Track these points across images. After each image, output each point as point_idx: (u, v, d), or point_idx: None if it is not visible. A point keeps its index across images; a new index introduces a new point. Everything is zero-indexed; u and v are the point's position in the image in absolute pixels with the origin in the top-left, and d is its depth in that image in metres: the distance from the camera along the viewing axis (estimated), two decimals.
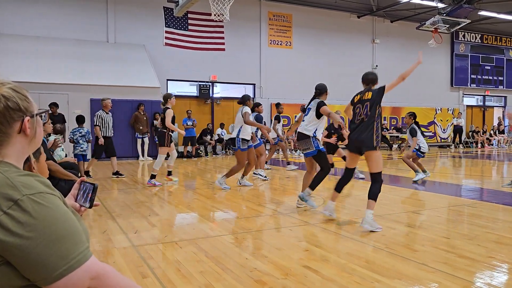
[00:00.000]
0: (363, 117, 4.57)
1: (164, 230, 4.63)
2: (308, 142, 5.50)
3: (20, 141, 1.19)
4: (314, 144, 5.48)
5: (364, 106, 4.60)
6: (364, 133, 4.51)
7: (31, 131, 1.20)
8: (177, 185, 8.22)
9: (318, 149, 5.48)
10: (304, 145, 5.54)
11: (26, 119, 1.18)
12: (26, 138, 1.20)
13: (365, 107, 4.59)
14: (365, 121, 4.55)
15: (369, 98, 4.63)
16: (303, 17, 17.99)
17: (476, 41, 22.54)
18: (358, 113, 4.65)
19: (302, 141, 5.56)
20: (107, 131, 9.29)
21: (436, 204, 6.26)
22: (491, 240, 4.10)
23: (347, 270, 3.27)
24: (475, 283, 3.03)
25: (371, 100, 4.60)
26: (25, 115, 1.18)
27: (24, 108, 1.18)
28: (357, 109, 4.68)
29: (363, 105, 4.63)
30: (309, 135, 5.50)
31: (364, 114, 4.57)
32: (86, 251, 1.13)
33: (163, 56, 15.42)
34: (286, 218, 5.19)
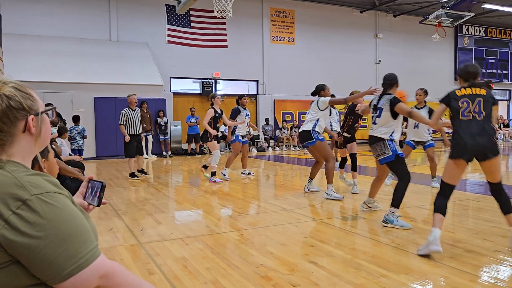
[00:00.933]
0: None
1: (170, 227, 4.65)
2: (383, 145, 4.58)
3: (26, 140, 1.19)
4: (391, 148, 4.54)
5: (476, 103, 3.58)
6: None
7: (36, 130, 1.19)
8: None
9: (395, 153, 4.53)
10: (378, 150, 4.62)
11: (30, 117, 1.17)
12: (31, 137, 1.19)
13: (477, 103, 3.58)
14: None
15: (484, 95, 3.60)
16: (305, 13, 17.93)
17: (480, 34, 22.39)
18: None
19: (375, 145, 4.65)
20: (134, 129, 8.66)
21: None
22: (497, 234, 4.09)
23: (353, 265, 3.28)
24: (481, 277, 3.02)
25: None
26: (29, 113, 1.17)
27: (28, 106, 1.17)
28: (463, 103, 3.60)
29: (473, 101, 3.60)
30: (384, 138, 4.58)
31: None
32: (95, 249, 1.13)
33: (165, 53, 15.42)
34: (291, 214, 5.20)
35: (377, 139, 4.62)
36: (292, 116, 17.65)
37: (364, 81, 19.31)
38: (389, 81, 4.70)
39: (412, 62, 20.22)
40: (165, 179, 8.89)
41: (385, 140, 4.57)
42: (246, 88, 17.59)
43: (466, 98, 3.60)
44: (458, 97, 3.63)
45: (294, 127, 16.99)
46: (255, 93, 17.38)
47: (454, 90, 3.72)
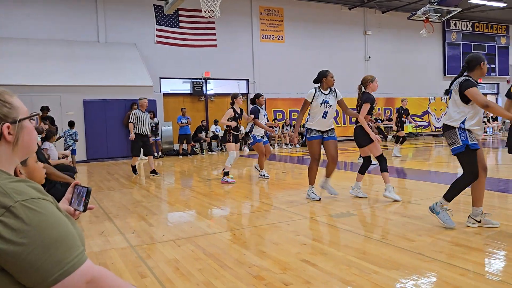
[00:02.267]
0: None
1: (162, 229, 4.64)
2: (453, 134, 4.12)
3: (3, 148, 1.17)
4: (461, 137, 4.05)
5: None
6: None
7: (13, 138, 1.18)
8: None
9: (466, 143, 4.02)
10: (449, 139, 4.16)
11: (6, 125, 1.16)
12: (8, 145, 1.18)
13: None
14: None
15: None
16: (294, 10, 17.95)
17: (467, 29, 22.60)
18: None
19: (446, 133, 4.22)
20: (143, 129, 9.15)
21: (431, 193, 6.29)
22: (486, 228, 4.13)
23: (345, 262, 3.29)
24: (471, 270, 3.05)
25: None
26: (3, 121, 1.16)
27: (3, 114, 1.16)
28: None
29: None
30: (454, 126, 4.11)
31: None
32: (81, 255, 1.12)
33: (155, 54, 15.35)
34: (283, 212, 5.21)
35: (447, 127, 4.18)
36: (283, 114, 17.68)
37: (354, 78, 19.37)
38: (467, 63, 4.18)
39: (401, 58, 20.36)
40: (157, 180, 8.86)
41: (455, 129, 4.08)
42: (237, 87, 17.57)
43: None
44: None
45: (286, 125, 17.02)
46: (245, 92, 17.37)
47: None
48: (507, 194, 6.01)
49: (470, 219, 4.25)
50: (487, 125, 21.45)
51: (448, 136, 4.18)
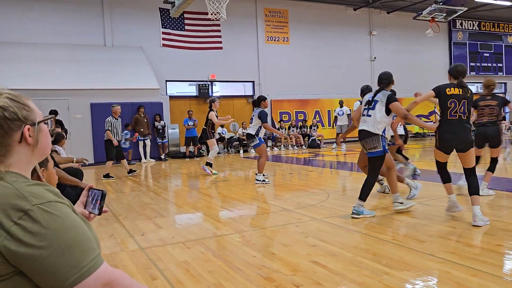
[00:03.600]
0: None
1: (171, 231, 4.64)
2: (376, 140, 4.73)
3: (23, 151, 1.18)
4: (383, 143, 4.75)
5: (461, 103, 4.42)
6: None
7: (33, 140, 1.19)
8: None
9: (384, 149, 4.78)
10: (371, 144, 4.75)
11: (26, 128, 1.17)
12: (28, 147, 1.19)
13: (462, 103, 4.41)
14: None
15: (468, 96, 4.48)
16: (299, 12, 17.94)
17: (474, 28, 22.46)
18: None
19: (368, 139, 4.77)
20: (116, 136, 9.65)
21: (441, 194, 6.25)
22: (497, 228, 4.10)
23: (355, 263, 3.28)
24: (483, 271, 3.03)
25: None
26: (24, 124, 1.17)
27: (23, 117, 1.17)
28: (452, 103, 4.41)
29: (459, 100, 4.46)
30: (378, 134, 4.75)
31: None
32: (97, 258, 1.13)
33: (161, 57, 15.40)
34: (291, 214, 5.20)
35: (370, 133, 4.76)
36: (289, 116, 17.66)
37: (360, 79, 19.32)
38: (386, 79, 4.90)
39: (407, 58, 20.26)
40: (164, 183, 8.89)
41: (379, 136, 4.74)
42: (243, 89, 17.59)
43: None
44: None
45: (292, 126, 17.01)
46: (251, 94, 17.38)
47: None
48: None
49: (395, 203, 4.96)
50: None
51: (370, 141, 4.73)
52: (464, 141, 4.40)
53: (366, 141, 4.79)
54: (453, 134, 4.42)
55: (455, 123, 4.39)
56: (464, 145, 4.41)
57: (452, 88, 4.48)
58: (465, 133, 4.39)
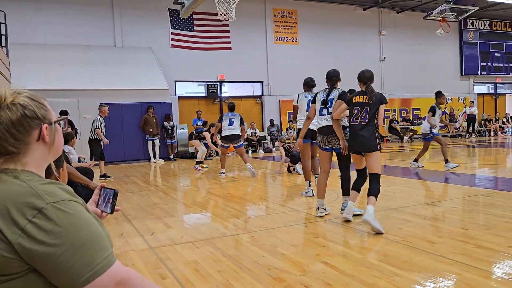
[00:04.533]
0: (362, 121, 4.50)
1: (180, 230, 4.66)
2: (345, 135, 4.91)
3: (40, 149, 1.20)
4: (346, 137, 4.91)
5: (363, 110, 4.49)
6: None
7: (50, 139, 1.21)
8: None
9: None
10: (337, 139, 4.92)
11: (44, 126, 1.19)
12: (45, 145, 1.21)
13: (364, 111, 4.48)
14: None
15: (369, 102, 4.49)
16: (308, 12, 17.90)
17: (485, 28, 22.22)
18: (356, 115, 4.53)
19: (334, 135, 4.91)
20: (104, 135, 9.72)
21: (451, 195, 6.21)
22: (509, 229, 4.05)
23: (365, 264, 3.27)
24: (495, 273, 3.00)
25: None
26: (43, 122, 1.19)
27: (42, 116, 1.19)
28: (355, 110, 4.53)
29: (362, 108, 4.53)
30: (345, 127, 4.99)
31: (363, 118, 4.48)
32: (110, 256, 1.13)
33: (170, 57, 15.48)
34: (300, 214, 5.19)
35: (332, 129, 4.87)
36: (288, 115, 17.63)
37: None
38: (335, 77, 5.13)
39: (417, 58, 20.11)
40: (173, 182, 8.93)
41: (346, 129, 4.92)
42: (251, 89, 17.60)
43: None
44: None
45: None
46: (260, 94, 17.38)
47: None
48: None
49: (319, 210, 4.96)
50: (506, 125, 21.06)
51: (336, 136, 4.87)
52: (366, 145, 4.44)
53: (334, 137, 4.92)
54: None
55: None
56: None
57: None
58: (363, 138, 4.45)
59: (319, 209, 4.99)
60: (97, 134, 9.48)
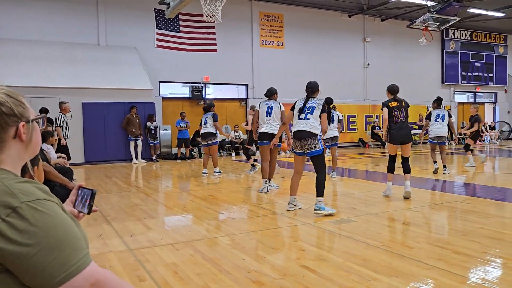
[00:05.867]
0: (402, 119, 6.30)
1: (160, 232, 4.62)
2: (316, 140, 5.30)
3: (16, 147, 1.18)
4: (320, 143, 5.34)
5: (401, 111, 6.34)
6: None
7: (27, 137, 1.19)
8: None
9: (322, 148, 5.36)
10: (311, 143, 5.29)
11: (21, 124, 1.17)
12: (22, 143, 1.19)
13: (401, 111, 6.33)
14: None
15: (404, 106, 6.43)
16: (294, 17, 18.02)
17: (466, 38, 22.73)
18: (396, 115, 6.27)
19: (309, 139, 5.29)
20: (68, 133, 9.58)
21: (430, 201, 6.31)
22: (484, 236, 4.14)
23: (345, 268, 3.29)
24: (470, 278, 3.06)
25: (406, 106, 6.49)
26: (20, 120, 1.17)
27: (19, 113, 1.17)
28: (395, 112, 6.28)
29: (399, 110, 6.35)
30: (317, 134, 5.32)
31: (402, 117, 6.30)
32: (86, 257, 1.12)
33: (154, 58, 15.37)
34: (282, 218, 5.21)
35: (312, 134, 5.30)
36: None
37: (353, 85, 19.49)
38: (311, 88, 5.63)
39: (400, 66, 20.44)
40: (155, 184, 8.85)
41: (317, 136, 5.30)
42: (236, 92, 17.61)
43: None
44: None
45: None
46: (244, 97, 17.40)
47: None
48: (503, 203, 6.02)
49: (289, 205, 5.50)
50: (484, 133, 21.53)
51: (311, 141, 5.28)
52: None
53: (305, 141, 5.32)
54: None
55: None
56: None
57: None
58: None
59: (289, 204, 5.55)
60: (57, 132, 9.14)
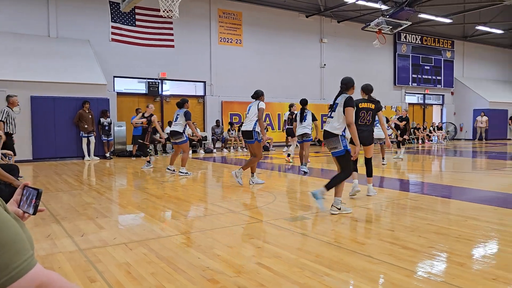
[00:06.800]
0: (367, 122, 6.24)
1: (113, 232, 4.50)
2: (336, 141, 5.15)
3: None
4: (342, 143, 5.15)
5: (368, 114, 6.21)
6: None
7: None
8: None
9: (346, 149, 5.15)
10: (332, 144, 5.19)
11: None
12: None
13: (369, 114, 6.21)
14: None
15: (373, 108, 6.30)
16: (253, 15, 18.08)
17: (416, 42, 23.72)
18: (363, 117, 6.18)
19: (329, 139, 5.20)
20: (13, 128, 8.85)
21: (381, 198, 6.55)
22: (431, 231, 4.35)
23: (298, 265, 3.35)
24: (417, 272, 3.21)
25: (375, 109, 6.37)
26: None
27: None
28: (362, 113, 6.14)
29: (367, 112, 6.24)
30: (337, 134, 5.15)
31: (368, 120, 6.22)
32: (30, 259, 1.08)
33: (109, 52, 14.92)
34: (238, 216, 5.22)
35: (331, 134, 5.16)
36: (239, 118, 17.71)
37: (310, 84, 19.84)
38: (345, 84, 5.30)
39: (355, 66, 21.00)
40: (108, 182, 8.60)
41: (338, 136, 5.13)
42: (194, 89, 17.43)
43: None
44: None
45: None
46: (202, 94, 17.26)
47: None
48: (449, 200, 6.35)
49: (332, 207, 5.22)
50: (433, 133, 22.59)
51: (331, 142, 5.16)
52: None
53: (327, 142, 5.22)
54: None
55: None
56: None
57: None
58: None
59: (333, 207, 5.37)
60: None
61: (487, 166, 11.27)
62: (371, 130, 6.35)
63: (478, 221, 4.82)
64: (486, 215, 5.15)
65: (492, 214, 5.22)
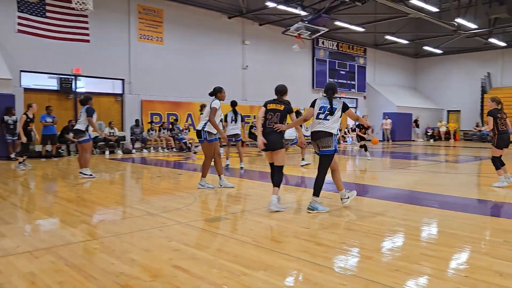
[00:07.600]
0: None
1: (16, 239, 4.14)
2: (331, 140, 5.40)
3: None
4: (335, 143, 5.46)
5: (276, 115, 5.69)
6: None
7: None
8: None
9: (335, 149, 5.48)
10: (325, 143, 5.41)
11: None
12: None
13: (276, 116, 5.68)
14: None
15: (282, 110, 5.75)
16: (174, 13, 17.74)
17: (333, 48, 24.97)
18: (271, 119, 5.68)
19: (324, 138, 5.41)
20: None
21: (298, 197, 6.78)
22: (342, 228, 4.60)
23: (216, 266, 3.34)
24: (330, 267, 3.36)
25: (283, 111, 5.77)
26: None
27: None
28: (269, 115, 5.70)
29: (274, 114, 5.70)
30: (333, 133, 5.43)
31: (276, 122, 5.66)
32: None
33: (15, 44, 13.69)
34: (156, 218, 5.08)
35: (327, 133, 5.41)
36: (160, 117, 17.29)
37: (232, 85, 19.93)
38: (332, 90, 5.61)
39: (276, 69, 21.54)
40: (13, 185, 7.90)
41: (333, 136, 5.43)
42: (111, 86, 16.65)
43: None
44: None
45: (163, 128, 16.66)
46: (120, 93, 16.57)
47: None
48: (362, 197, 6.75)
49: (342, 200, 5.78)
50: (347, 135, 23.92)
51: (325, 140, 5.41)
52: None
53: (321, 140, 5.42)
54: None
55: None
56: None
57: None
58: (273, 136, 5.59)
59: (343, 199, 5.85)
60: None
61: (394, 166, 12.18)
62: (280, 133, 5.67)
63: (385, 216, 5.18)
64: (392, 211, 5.57)
65: (397, 210, 5.65)
